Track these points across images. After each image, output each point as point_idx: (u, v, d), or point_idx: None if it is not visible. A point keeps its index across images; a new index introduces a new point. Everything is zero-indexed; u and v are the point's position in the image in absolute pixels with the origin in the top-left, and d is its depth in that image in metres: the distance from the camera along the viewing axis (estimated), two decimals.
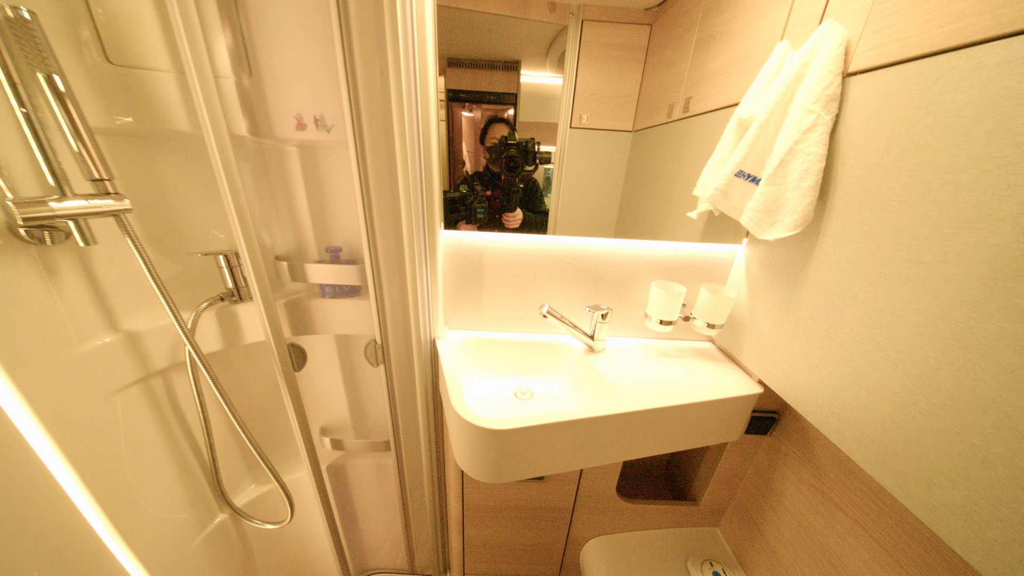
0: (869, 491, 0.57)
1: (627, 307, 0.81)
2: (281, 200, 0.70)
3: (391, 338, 0.75)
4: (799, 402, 0.58)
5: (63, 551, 0.56)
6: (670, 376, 0.71)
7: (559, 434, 0.57)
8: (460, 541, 0.97)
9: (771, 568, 0.77)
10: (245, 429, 0.72)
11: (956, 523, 0.38)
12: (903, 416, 0.43)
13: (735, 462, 0.84)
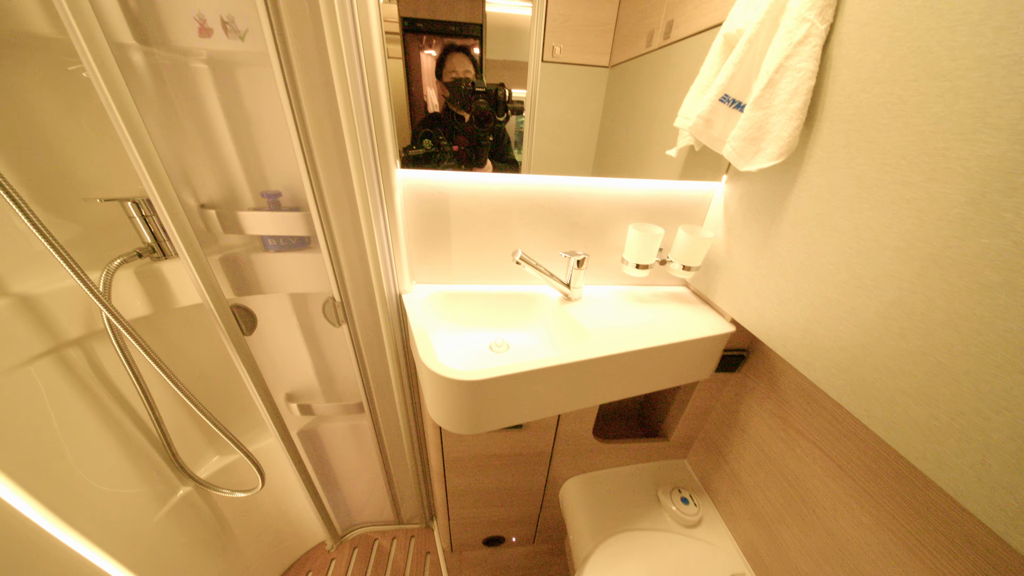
0: (829, 416, 0.60)
1: (603, 253, 0.77)
2: (196, 133, 0.58)
3: (351, 295, 0.68)
4: (770, 337, 0.58)
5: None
6: (645, 320, 0.70)
7: (534, 382, 0.55)
8: (444, 491, 0.99)
9: (734, 490, 0.84)
10: (192, 398, 0.66)
11: (915, 437, 0.40)
12: (874, 342, 0.44)
13: (704, 399, 0.88)
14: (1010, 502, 0.33)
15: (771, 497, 0.73)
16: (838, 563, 0.60)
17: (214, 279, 0.61)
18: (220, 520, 0.94)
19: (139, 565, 0.72)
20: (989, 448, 0.34)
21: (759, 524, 0.76)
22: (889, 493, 0.52)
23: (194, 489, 0.83)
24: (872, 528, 0.54)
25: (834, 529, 0.60)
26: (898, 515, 0.51)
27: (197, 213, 0.62)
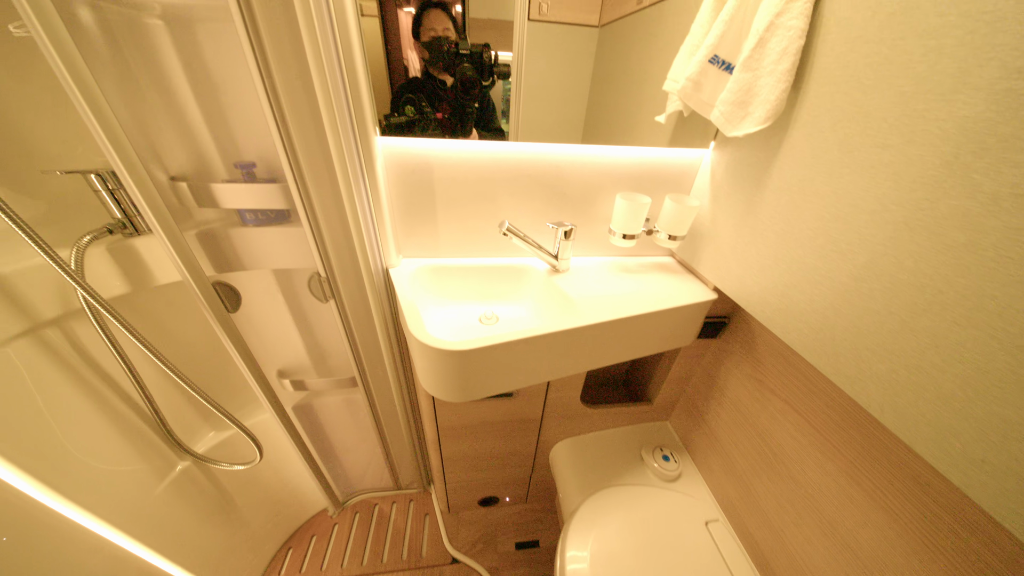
0: (801, 375, 0.64)
1: (591, 224, 0.77)
2: (159, 99, 0.54)
3: (337, 270, 0.67)
4: (749, 303, 0.60)
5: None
6: (631, 289, 0.71)
7: (522, 351, 0.57)
8: (439, 458, 1.03)
9: (711, 446, 0.89)
10: (180, 375, 0.66)
11: (876, 391, 0.43)
12: (844, 303, 0.46)
13: (686, 365, 0.92)
14: (954, 444, 0.36)
15: (745, 452, 0.78)
16: (802, 506, 0.65)
17: (192, 255, 0.59)
18: (222, 492, 0.96)
19: (146, 536, 0.74)
20: (941, 398, 0.37)
21: (733, 476, 0.82)
22: (850, 443, 0.56)
23: (192, 463, 0.85)
24: (834, 474, 0.59)
25: (800, 477, 0.65)
26: (856, 461, 0.56)
27: (168, 186, 0.59)
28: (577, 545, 0.75)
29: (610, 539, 0.76)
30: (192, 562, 0.88)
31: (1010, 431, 0.33)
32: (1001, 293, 0.33)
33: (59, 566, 0.59)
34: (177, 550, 0.83)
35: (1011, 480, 0.33)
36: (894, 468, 0.51)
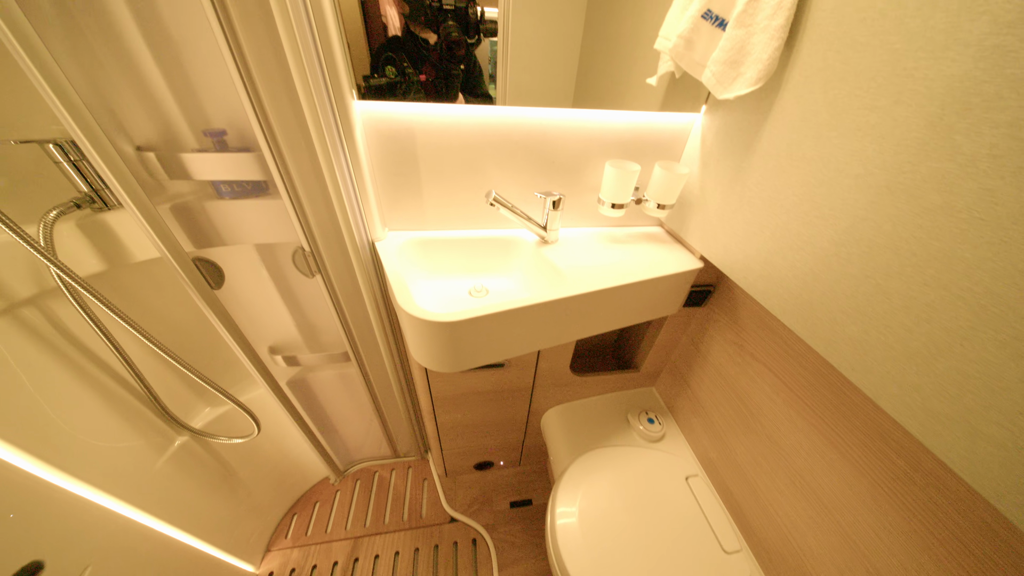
0: (779, 340, 0.66)
1: (580, 193, 0.76)
2: (113, 60, 0.50)
3: (321, 244, 0.66)
4: (734, 270, 0.61)
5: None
6: (620, 259, 0.71)
7: (510, 321, 0.58)
8: (434, 427, 1.07)
9: (694, 409, 0.94)
10: (168, 351, 0.66)
11: (848, 352, 0.45)
12: (823, 268, 0.47)
13: (672, 333, 0.94)
14: (915, 398, 0.39)
15: (724, 413, 0.83)
16: (774, 460, 0.70)
17: (168, 231, 0.57)
18: (224, 465, 0.99)
19: (153, 507, 0.77)
20: (907, 356, 0.39)
21: (713, 435, 0.87)
22: (822, 401, 0.60)
23: (191, 438, 0.86)
24: (806, 431, 0.63)
25: (774, 435, 0.70)
26: (827, 418, 0.59)
27: (135, 157, 0.56)
28: (566, 502, 0.80)
29: (597, 495, 0.81)
30: (202, 530, 0.92)
31: (966, 384, 0.35)
32: (970, 254, 0.34)
33: (70, 538, 0.61)
34: (186, 519, 0.86)
35: (962, 428, 0.35)
36: (860, 422, 0.55)
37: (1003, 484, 0.33)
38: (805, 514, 0.64)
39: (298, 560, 1.19)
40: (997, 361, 0.33)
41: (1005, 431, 0.33)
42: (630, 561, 0.70)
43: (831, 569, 0.60)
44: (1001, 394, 0.33)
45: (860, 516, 0.55)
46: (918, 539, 0.48)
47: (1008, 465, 0.33)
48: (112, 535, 0.69)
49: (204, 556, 0.95)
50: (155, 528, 0.78)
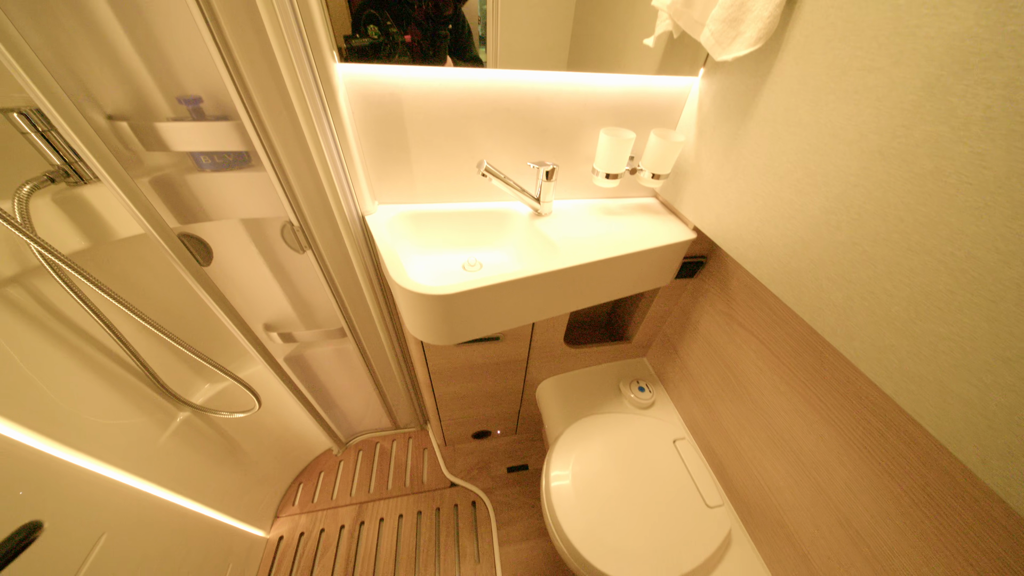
0: (767, 308, 0.68)
1: (573, 164, 0.75)
2: (75, 20, 0.47)
3: (309, 218, 0.65)
4: (726, 240, 0.62)
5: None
6: (613, 231, 0.71)
7: (504, 294, 0.58)
8: (432, 399, 1.09)
9: (683, 377, 0.97)
10: (160, 328, 0.65)
11: (832, 318, 0.46)
12: (813, 236, 0.47)
13: (664, 304, 0.96)
14: (892, 360, 0.40)
15: (712, 380, 0.86)
16: (757, 423, 0.74)
17: (150, 206, 0.56)
18: (228, 439, 1.02)
19: (161, 479, 0.79)
20: (887, 320, 0.40)
21: (700, 401, 0.91)
22: (804, 366, 0.62)
23: (193, 414, 0.88)
24: (787, 394, 0.66)
25: (757, 398, 0.73)
26: (808, 382, 0.62)
27: (107, 128, 0.53)
28: (560, 465, 0.84)
29: (589, 459, 0.85)
30: (211, 499, 0.96)
31: (940, 345, 0.36)
32: (955, 219, 0.34)
33: (83, 508, 0.63)
34: (195, 490, 0.90)
35: (934, 387, 0.37)
36: (839, 385, 0.57)
37: (965, 437, 0.35)
38: (783, 471, 0.69)
39: (306, 525, 1.25)
40: (971, 322, 0.34)
41: (972, 388, 0.35)
42: (620, 518, 0.75)
43: (804, 519, 0.65)
44: (971, 354, 0.34)
45: (834, 472, 0.59)
46: (886, 490, 0.52)
47: (972, 419, 0.35)
48: (125, 505, 0.71)
49: (216, 523, 0.99)
50: (166, 498, 0.81)
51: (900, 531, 0.51)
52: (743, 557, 0.77)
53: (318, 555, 1.18)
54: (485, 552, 1.19)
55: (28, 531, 0.48)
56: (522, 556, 1.18)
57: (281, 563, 1.17)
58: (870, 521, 0.54)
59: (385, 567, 1.16)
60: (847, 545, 0.58)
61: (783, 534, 0.70)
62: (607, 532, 0.73)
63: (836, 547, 0.60)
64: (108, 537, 0.66)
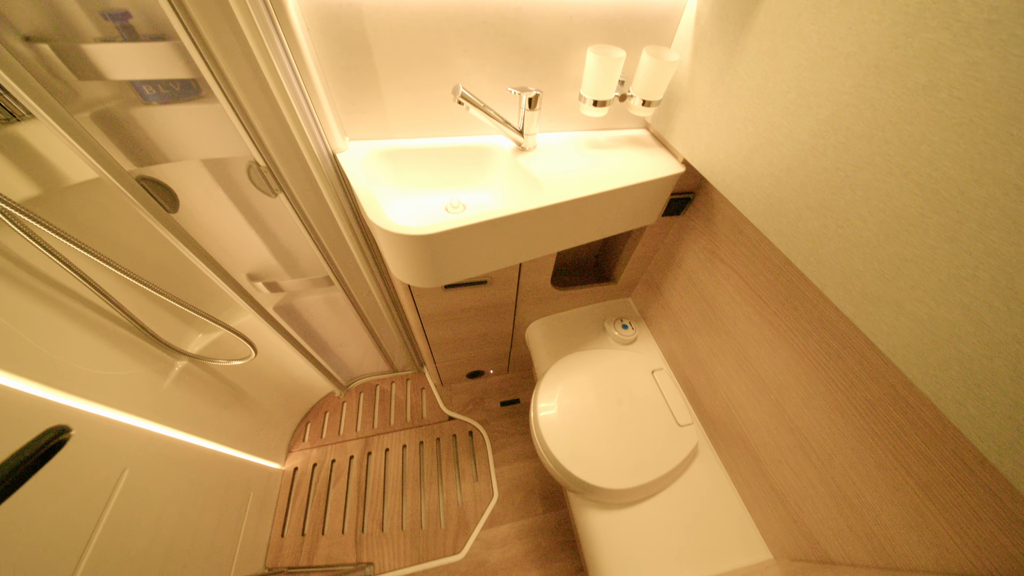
0: (748, 241, 0.69)
1: (559, 89, 0.69)
2: None
3: (276, 157, 0.60)
4: (714, 172, 0.60)
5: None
6: (600, 166, 0.69)
7: (488, 233, 0.57)
8: (426, 343, 1.13)
9: (664, 314, 1.02)
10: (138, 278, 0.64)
11: (805, 246, 0.47)
12: (798, 163, 0.46)
13: (650, 244, 0.96)
14: (856, 284, 0.42)
15: (690, 314, 0.90)
16: (729, 351, 0.79)
17: (97, 145, 0.51)
18: (231, 385, 1.06)
19: (171, 421, 0.84)
20: (857, 245, 0.42)
21: (678, 335, 0.96)
22: (777, 297, 0.65)
23: (190, 363, 0.90)
24: (758, 324, 0.70)
25: (731, 329, 0.77)
26: (779, 312, 0.65)
27: (28, 52, 0.47)
28: (546, 397, 0.90)
29: (574, 390, 0.91)
30: (225, 439, 1.03)
31: (903, 267, 0.38)
32: (938, 138, 0.33)
33: (97, 451, 0.66)
34: (207, 431, 0.95)
35: (890, 308, 0.40)
36: (806, 312, 0.60)
37: (911, 352, 0.38)
38: (748, 392, 0.75)
39: (318, 457, 1.37)
40: (934, 244, 0.35)
41: (924, 307, 0.37)
42: (601, 438, 0.83)
43: (762, 431, 0.73)
44: (929, 273, 0.36)
45: (792, 390, 0.65)
46: (835, 403, 0.58)
47: (919, 335, 0.38)
48: (141, 444, 0.76)
49: (233, 459, 1.07)
50: (180, 438, 0.87)
51: (842, 436, 0.57)
52: (707, 463, 0.87)
53: (332, 481, 1.31)
54: (482, 472, 1.33)
55: (56, 432, 0.47)
56: (515, 474, 1.32)
57: (298, 489, 1.30)
58: (817, 429, 0.61)
59: (394, 487, 1.30)
60: (795, 449, 0.66)
61: (742, 444, 0.79)
62: (589, 450, 0.81)
63: (786, 452, 0.68)
64: (130, 472, 0.72)
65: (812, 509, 0.65)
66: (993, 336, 0.32)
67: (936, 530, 0.47)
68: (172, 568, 0.78)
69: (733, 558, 0.75)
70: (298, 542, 1.19)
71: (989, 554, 0.42)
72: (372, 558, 1.15)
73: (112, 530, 0.64)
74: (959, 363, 0.35)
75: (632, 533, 0.78)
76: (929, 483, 0.47)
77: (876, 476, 0.53)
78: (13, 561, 0.50)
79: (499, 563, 1.15)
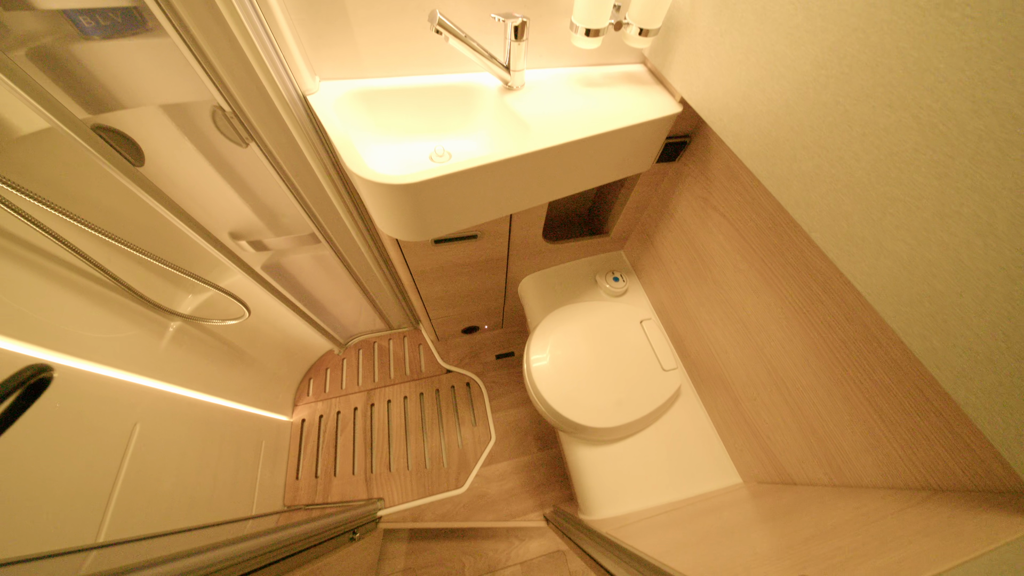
0: (742, 188, 0.68)
1: (548, 17, 0.63)
2: None
3: (241, 101, 0.56)
4: (711, 111, 0.57)
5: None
6: (594, 106, 0.65)
7: (475, 181, 0.55)
8: (419, 300, 1.14)
9: (655, 265, 1.02)
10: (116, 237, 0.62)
11: (797, 188, 0.46)
12: (798, 97, 0.44)
13: (643, 194, 0.94)
14: (844, 226, 0.42)
15: (681, 265, 0.91)
16: (716, 300, 0.81)
17: (38, 86, 0.46)
18: (229, 345, 1.07)
19: (173, 378, 0.86)
20: (850, 186, 0.41)
21: (668, 286, 0.98)
22: (767, 244, 0.65)
23: (184, 323, 0.91)
24: (746, 272, 0.71)
25: (720, 279, 0.78)
26: (767, 259, 0.66)
27: None
28: (538, 349, 0.93)
29: (565, 341, 0.94)
30: (231, 395, 1.06)
31: (889, 207, 0.38)
32: (944, 64, 0.32)
33: (105, 408, 0.69)
34: (214, 388, 0.99)
35: (872, 248, 0.40)
36: (793, 258, 0.61)
37: (887, 291, 0.40)
38: (731, 337, 0.79)
39: (323, 409, 1.44)
40: (924, 181, 0.35)
41: (905, 246, 0.37)
42: (590, 384, 0.88)
43: (741, 373, 0.78)
44: (915, 212, 0.36)
45: (772, 333, 0.68)
46: (812, 345, 0.61)
47: (896, 275, 0.38)
48: (148, 401, 0.79)
49: (242, 412, 1.12)
50: (185, 394, 0.90)
51: (815, 374, 0.61)
52: (688, 403, 0.93)
53: (339, 430, 1.39)
54: (480, 418, 1.42)
55: (36, 370, 0.45)
56: (511, 419, 1.41)
57: (308, 439, 1.38)
58: (792, 369, 0.65)
59: (398, 434, 1.39)
60: (771, 388, 0.70)
61: (722, 385, 0.84)
62: (578, 395, 0.86)
63: (762, 390, 0.73)
64: (142, 426, 0.75)
65: (780, 439, 0.71)
66: (967, 272, 0.33)
67: (888, 452, 0.52)
68: (199, 504, 0.85)
69: (706, 484, 0.84)
70: (312, 483, 1.29)
71: (933, 471, 0.47)
72: (382, 494, 1.26)
73: (134, 475, 0.69)
74: (930, 299, 0.36)
75: (617, 466, 0.85)
76: (889, 413, 0.51)
77: (841, 409, 0.57)
78: (53, 505, 0.54)
79: (498, 494, 1.26)
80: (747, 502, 0.71)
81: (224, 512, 0.94)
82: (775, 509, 0.63)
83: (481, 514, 1.23)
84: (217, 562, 0.47)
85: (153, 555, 0.44)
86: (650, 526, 0.68)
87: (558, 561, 1.28)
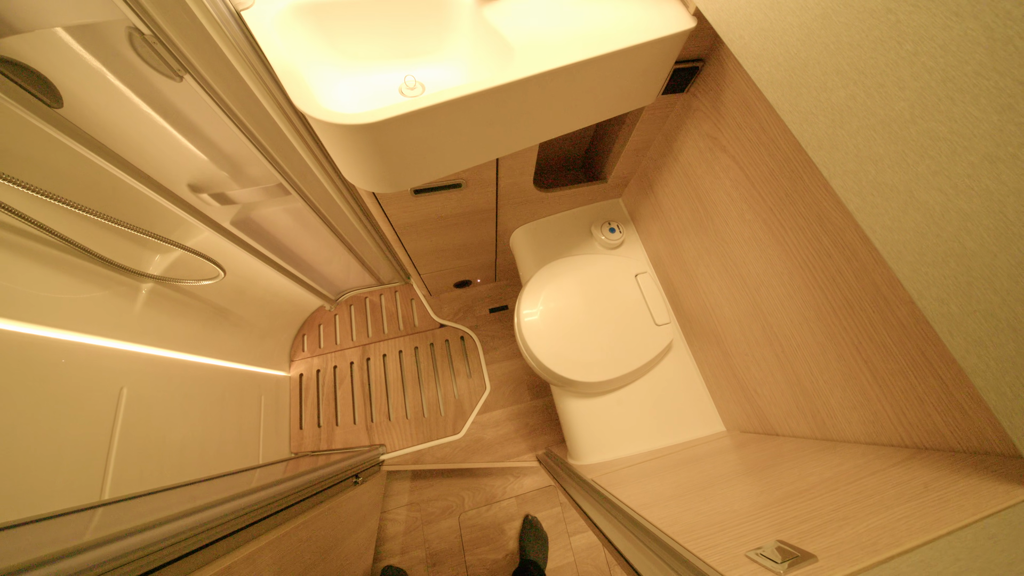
0: (757, 124, 0.60)
1: None
2: None
3: (159, 19, 0.45)
4: (731, 25, 0.48)
5: None
6: (590, 19, 0.54)
7: (449, 119, 0.47)
8: (406, 255, 1.09)
9: (654, 215, 0.96)
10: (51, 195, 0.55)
11: (824, 124, 0.39)
12: (839, 3, 0.35)
13: (646, 132, 0.85)
14: (871, 171, 0.37)
15: (681, 215, 0.85)
16: (715, 253, 0.76)
17: None
18: (211, 305, 1.04)
19: (154, 340, 0.84)
20: (885, 123, 0.35)
21: (666, 237, 0.93)
22: (777, 190, 0.59)
23: (157, 284, 0.87)
24: (752, 222, 0.66)
25: (722, 230, 0.73)
26: (775, 208, 0.60)
27: None
28: (529, 304, 0.91)
29: (557, 296, 0.92)
30: (222, 355, 1.06)
31: (930, 148, 0.32)
32: None
33: (86, 375, 0.67)
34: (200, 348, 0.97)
35: (901, 198, 0.35)
36: (804, 208, 0.55)
37: (908, 248, 0.35)
38: (728, 291, 0.76)
39: (320, 364, 1.46)
40: (980, 115, 0.29)
41: (940, 195, 0.32)
42: (581, 339, 0.87)
43: (735, 328, 0.76)
44: (961, 154, 0.30)
45: (773, 289, 0.65)
46: (813, 303, 0.57)
47: (922, 229, 0.34)
48: (129, 364, 0.77)
49: (236, 370, 1.13)
50: (173, 356, 0.89)
51: (811, 332, 0.59)
52: (679, 357, 0.94)
53: (336, 383, 1.43)
54: (475, 370, 1.45)
55: None
56: (505, 370, 1.44)
57: (307, 392, 1.42)
58: (788, 326, 0.63)
59: (395, 386, 1.42)
60: (764, 344, 0.69)
61: (714, 340, 0.83)
62: (570, 350, 0.85)
63: (754, 346, 0.71)
64: (129, 389, 0.75)
65: (768, 394, 0.71)
66: (1009, 229, 0.29)
67: (877, 411, 0.51)
68: (209, 453, 0.90)
69: (692, 431, 0.87)
70: (316, 432, 1.35)
71: (919, 430, 0.47)
72: (383, 441, 1.33)
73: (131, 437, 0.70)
74: (958, 259, 0.32)
75: (606, 416, 0.88)
76: (884, 374, 0.49)
77: (834, 367, 0.56)
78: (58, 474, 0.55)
79: (493, 439, 1.34)
80: (730, 452, 0.74)
81: (234, 462, 0.99)
82: (756, 462, 0.65)
83: (478, 456, 1.31)
84: (232, 512, 0.48)
85: (168, 509, 0.45)
86: (633, 474, 0.71)
87: (551, 494, 1.40)
